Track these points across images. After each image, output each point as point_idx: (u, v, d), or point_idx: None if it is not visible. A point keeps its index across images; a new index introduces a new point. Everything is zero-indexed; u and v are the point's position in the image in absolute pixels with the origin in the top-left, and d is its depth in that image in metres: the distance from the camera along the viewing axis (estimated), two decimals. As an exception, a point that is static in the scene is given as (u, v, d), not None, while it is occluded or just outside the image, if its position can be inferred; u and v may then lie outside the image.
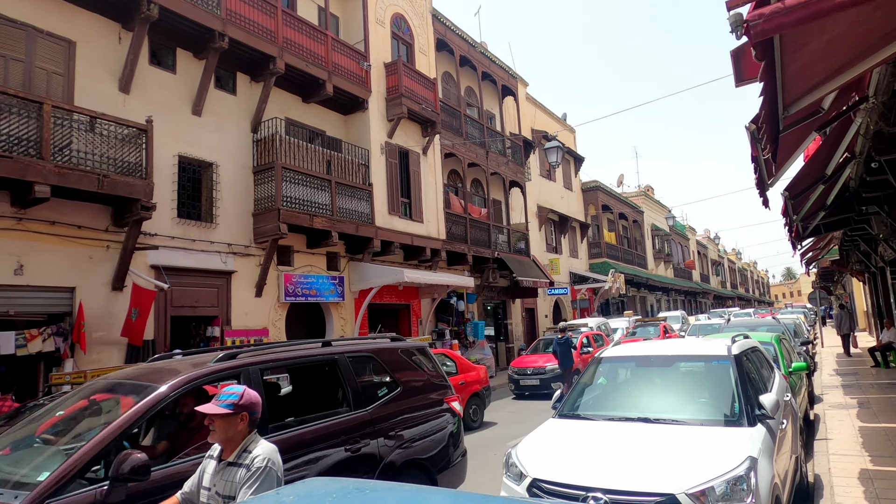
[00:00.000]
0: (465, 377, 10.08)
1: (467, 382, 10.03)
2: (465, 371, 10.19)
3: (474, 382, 10.16)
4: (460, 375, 9.97)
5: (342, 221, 13.43)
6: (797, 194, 7.14)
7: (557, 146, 14.37)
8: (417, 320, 16.98)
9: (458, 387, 9.61)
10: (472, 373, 10.27)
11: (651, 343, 5.31)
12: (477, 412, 10.17)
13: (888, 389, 11.09)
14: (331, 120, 14.93)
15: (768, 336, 8.34)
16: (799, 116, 5.24)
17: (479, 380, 10.33)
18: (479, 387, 10.25)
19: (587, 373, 5.07)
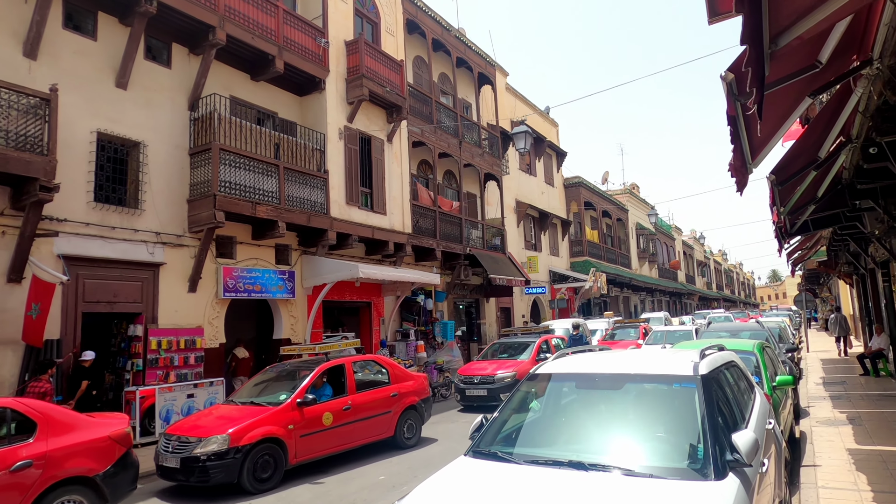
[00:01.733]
0: (399, 388, 8.73)
1: (401, 394, 8.66)
2: (398, 380, 8.85)
3: (410, 394, 8.80)
4: (392, 385, 8.68)
5: (292, 211, 12.25)
6: (785, 180, 6.09)
7: (526, 131, 13.27)
8: (380, 319, 15.85)
9: (388, 399, 8.49)
10: (408, 382, 8.88)
11: (600, 356, 4.22)
12: (412, 428, 8.83)
13: (880, 402, 10.13)
14: (284, 101, 13.73)
15: (750, 344, 7.31)
16: (790, 68, 4.17)
17: (417, 390, 9.00)
18: (417, 398, 8.88)
19: (517, 393, 3.97)
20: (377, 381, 8.74)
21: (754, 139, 5.00)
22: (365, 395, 8.24)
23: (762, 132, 5.02)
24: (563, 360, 4.15)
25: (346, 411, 7.86)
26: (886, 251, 11.42)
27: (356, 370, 8.58)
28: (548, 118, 29.39)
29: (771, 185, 5.92)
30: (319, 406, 7.57)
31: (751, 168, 5.36)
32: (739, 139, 4.43)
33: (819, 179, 7.99)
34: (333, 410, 7.69)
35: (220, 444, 6.62)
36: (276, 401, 7.45)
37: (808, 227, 11.17)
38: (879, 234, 11.08)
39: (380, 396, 8.39)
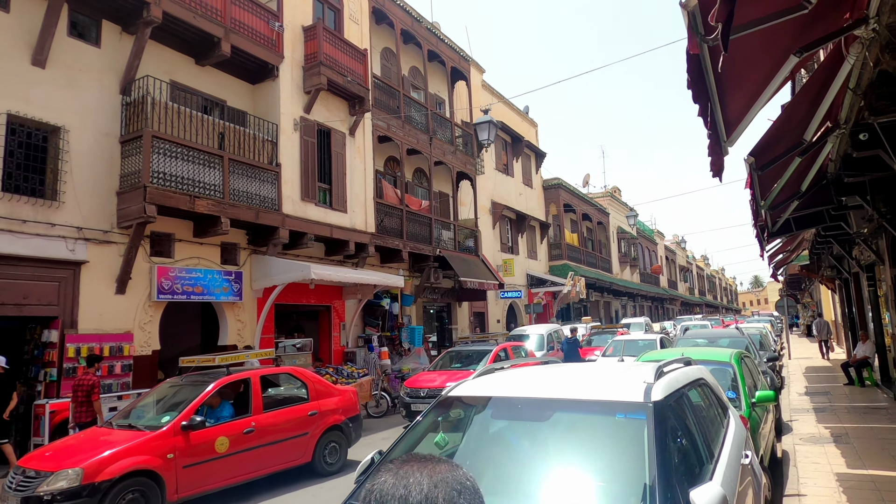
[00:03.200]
0: (319, 405, 7.51)
1: (321, 412, 7.46)
2: (320, 396, 7.62)
3: (333, 412, 7.62)
4: (312, 402, 7.46)
5: (237, 206, 11.26)
6: (765, 164, 5.27)
7: (490, 121, 12.40)
8: (340, 324, 14.86)
9: (304, 419, 7.31)
10: (332, 399, 7.68)
11: (529, 374, 3.30)
12: (336, 452, 7.64)
13: (867, 416, 9.36)
14: (234, 89, 12.75)
15: (726, 354, 6.47)
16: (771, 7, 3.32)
17: (343, 407, 7.80)
18: (342, 417, 7.71)
19: (420, 424, 3.06)
20: (293, 398, 7.57)
21: (729, 108, 4.16)
22: (274, 414, 7.05)
23: (739, 100, 4.19)
24: (482, 379, 3.24)
25: (247, 435, 6.68)
26: (873, 253, 10.71)
27: (267, 386, 7.48)
28: (526, 118, 28.66)
29: (749, 169, 5.09)
30: (211, 430, 6.39)
31: (726, 147, 4.52)
32: (710, 104, 3.57)
33: (803, 170, 7.20)
34: (231, 434, 6.52)
35: (71, 480, 5.36)
36: (156, 424, 6.27)
37: (790, 227, 10.42)
38: (866, 235, 10.37)
39: (294, 416, 7.20)
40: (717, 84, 3.82)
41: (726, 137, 4.41)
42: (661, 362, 3.20)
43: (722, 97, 4.01)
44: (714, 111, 3.93)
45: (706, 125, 3.84)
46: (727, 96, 4.08)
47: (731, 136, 4.44)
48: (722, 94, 3.98)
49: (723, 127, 4.27)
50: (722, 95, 3.99)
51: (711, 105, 3.55)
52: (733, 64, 3.92)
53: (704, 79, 3.31)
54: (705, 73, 3.24)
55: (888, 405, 10.20)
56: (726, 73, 3.89)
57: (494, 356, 10.88)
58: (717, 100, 3.69)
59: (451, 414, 3.14)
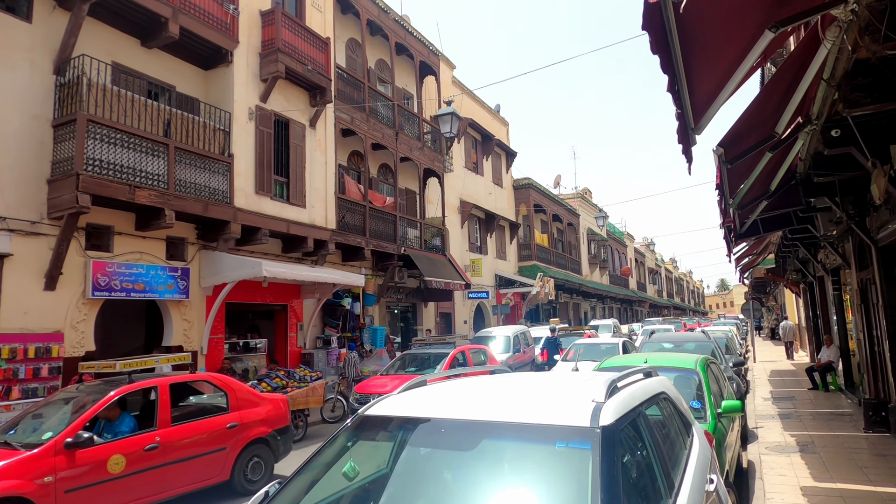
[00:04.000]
0: (241, 416, 6.71)
1: (243, 424, 6.68)
2: (242, 406, 6.81)
3: (257, 423, 6.84)
4: (232, 413, 6.66)
5: (183, 198, 10.56)
6: (735, 157, 4.89)
7: (452, 112, 11.92)
8: (297, 324, 14.22)
9: (222, 432, 6.54)
10: (256, 408, 6.87)
11: (462, 389, 2.81)
12: (259, 468, 6.88)
13: (832, 423, 9.16)
14: (185, 74, 12.01)
15: (692, 360, 6.10)
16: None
17: (269, 418, 7.02)
18: (268, 429, 6.94)
19: (328, 449, 2.55)
20: (209, 409, 6.79)
21: (698, 92, 3.74)
22: (185, 428, 6.24)
23: (709, 81, 3.78)
24: (407, 394, 2.75)
25: (150, 452, 5.87)
26: (839, 256, 10.56)
27: (180, 395, 6.73)
28: (498, 116, 28.32)
29: (718, 161, 4.71)
30: (103, 447, 5.57)
31: (693, 136, 4.11)
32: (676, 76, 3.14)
33: (773, 168, 6.90)
34: (128, 452, 5.70)
35: None
36: (35, 441, 5.42)
37: (758, 229, 10.21)
38: (833, 238, 10.19)
39: (209, 429, 6.41)
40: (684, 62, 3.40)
41: (693, 124, 4.00)
42: (615, 376, 2.74)
43: (690, 78, 3.60)
44: (681, 91, 3.51)
45: (675, 102, 3.41)
46: (696, 76, 3.66)
47: (699, 123, 4.03)
48: (690, 75, 3.56)
49: (690, 113, 3.86)
50: (690, 76, 3.58)
51: (678, 81, 3.12)
52: (702, 37, 3.51)
53: (670, 46, 2.87)
54: (669, 35, 2.80)
55: (852, 411, 10.04)
56: (694, 50, 3.48)
57: (451, 360, 10.35)
58: (685, 78, 3.26)
59: (370, 436, 2.63)
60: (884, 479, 5.92)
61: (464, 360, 10.73)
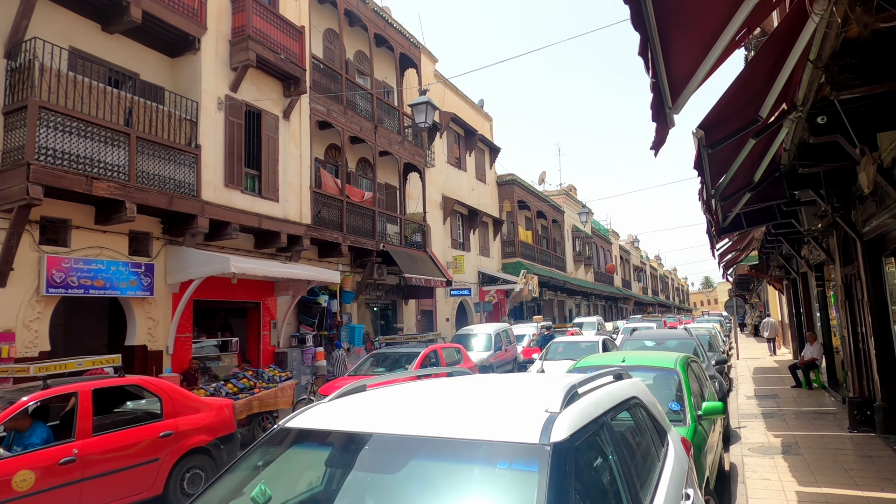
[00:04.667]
0: (176, 423, 6.05)
1: (179, 433, 6.03)
2: (179, 412, 6.13)
3: (196, 431, 6.20)
4: (167, 421, 6.00)
5: (146, 190, 10.08)
6: (716, 142, 4.56)
7: (426, 102, 11.51)
8: (270, 323, 13.76)
9: (153, 442, 5.85)
10: (196, 415, 6.24)
11: (402, 395, 2.41)
12: (198, 480, 6.28)
13: (816, 422, 8.92)
14: (151, 61, 11.50)
15: (671, 359, 5.77)
16: None
17: (211, 425, 6.39)
18: (209, 437, 6.34)
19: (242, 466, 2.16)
20: (141, 416, 6.16)
21: (675, 64, 3.40)
22: (109, 438, 5.57)
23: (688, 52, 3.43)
24: (338, 402, 2.37)
25: (65, 465, 5.20)
26: (823, 251, 10.33)
27: (106, 401, 6.08)
28: (481, 112, 27.97)
29: (698, 145, 4.37)
30: (8, 461, 4.93)
31: (671, 116, 3.76)
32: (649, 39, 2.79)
33: (756, 158, 6.61)
34: (39, 466, 5.02)
35: None
36: None
37: (741, 224, 9.95)
38: (816, 233, 9.96)
39: (139, 438, 5.76)
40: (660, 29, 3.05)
41: (671, 102, 3.66)
42: (578, 379, 2.38)
43: (667, 49, 3.25)
44: (655, 57, 3.16)
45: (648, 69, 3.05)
46: (673, 49, 3.32)
47: (676, 102, 3.69)
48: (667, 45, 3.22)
49: (666, 86, 3.51)
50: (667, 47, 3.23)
51: (651, 43, 2.77)
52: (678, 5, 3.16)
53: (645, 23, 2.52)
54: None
55: (836, 410, 9.83)
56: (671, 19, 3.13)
57: (422, 360, 9.94)
58: (659, 42, 2.91)
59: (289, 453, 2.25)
60: (870, 483, 5.65)
61: (436, 359, 10.32)
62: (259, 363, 13.16)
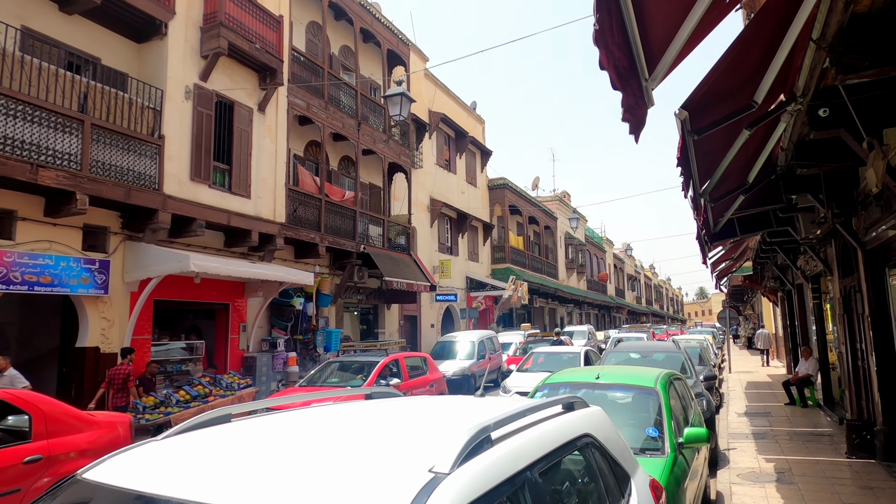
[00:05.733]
0: (49, 447, 4.89)
1: (51, 457, 4.86)
2: (54, 433, 4.99)
3: (77, 455, 5.05)
4: (35, 443, 4.83)
5: (101, 181, 9.41)
6: (704, 128, 3.93)
7: (401, 93, 10.84)
8: (240, 325, 13.07)
9: (18, 469, 4.61)
10: (77, 436, 5.14)
11: (235, 439, 1.74)
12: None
13: (811, 445, 8.29)
14: (113, 46, 10.85)
15: (652, 377, 5.13)
16: None
17: (98, 447, 5.15)
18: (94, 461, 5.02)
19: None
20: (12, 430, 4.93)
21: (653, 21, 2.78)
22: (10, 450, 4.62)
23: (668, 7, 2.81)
24: (156, 445, 1.73)
25: (32, 465, 4.53)
26: (820, 262, 9.73)
27: None
28: (473, 114, 27.39)
29: (682, 129, 3.74)
30: None
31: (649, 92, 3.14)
32: None
33: (751, 155, 6.01)
34: None
35: None
36: None
37: (734, 231, 9.35)
38: (814, 242, 9.36)
39: (8, 460, 4.58)
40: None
41: (647, 73, 3.04)
42: (498, 415, 1.73)
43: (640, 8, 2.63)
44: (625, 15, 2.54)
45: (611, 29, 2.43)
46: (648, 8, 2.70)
47: (655, 70, 3.07)
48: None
49: (642, 55, 2.89)
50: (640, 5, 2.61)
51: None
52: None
53: None
54: None
55: (832, 431, 9.20)
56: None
57: (379, 370, 9.23)
58: None
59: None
60: (872, 521, 5.02)
61: (398, 369, 9.57)
62: (226, 368, 12.48)
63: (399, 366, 9.62)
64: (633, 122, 3.08)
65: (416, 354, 11.21)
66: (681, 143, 3.82)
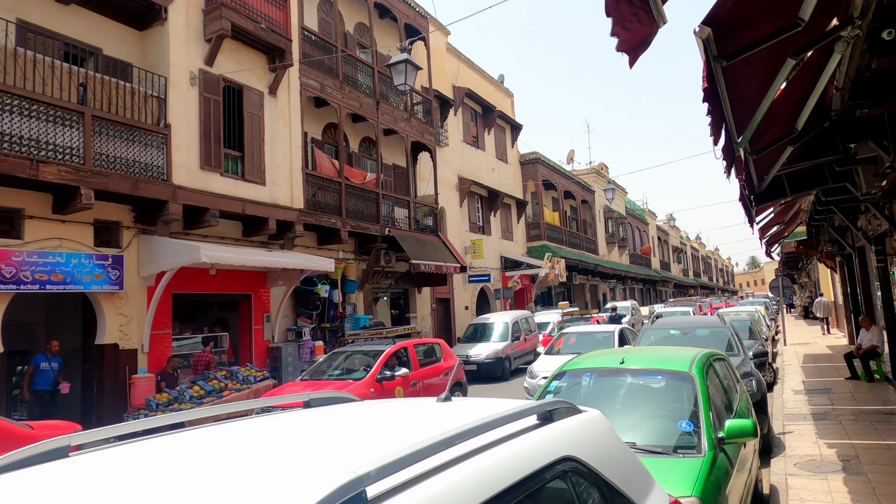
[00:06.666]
0: None
1: None
2: None
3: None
4: None
5: (105, 174, 9.15)
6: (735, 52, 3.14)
7: (406, 60, 10.11)
8: (263, 316, 12.80)
9: None
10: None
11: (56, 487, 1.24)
12: None
13: (880, 426, 7.35)
14: (114, 34, 10.55)
15: (686, 359, 4.38)
16: None
17: None
18: None
19: None
20: None
21: None
22: None
23: None
24: None
25: None
26: (886, 220, 8.66)
27: None
28: (501, 87, 26.43)
29: (705, 51, 2.97)
30: None
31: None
32: None
33: (797, 94, 5.12)
34: None
35: None
36: None
37: (783, 189, 8.36)
38: (877, 197, 8.28)
39: None
40: None
41: None
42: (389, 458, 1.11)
43: None
44: None
45: None
46: None
47: None
48: None
49: None
50: None
51: None
52: None
53: None
54: None
55: (905, 408, 8.20)
56: None
57: (385, 360, 8.50)
58: None
59: None
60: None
61: (407, 357, 8.94)
62: (251, 359, 12.25)
63: (408, 354, 9.03)
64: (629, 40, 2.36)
65: (429, 341, 10.73)
66: (706, 71, 3.06)
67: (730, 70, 3.36)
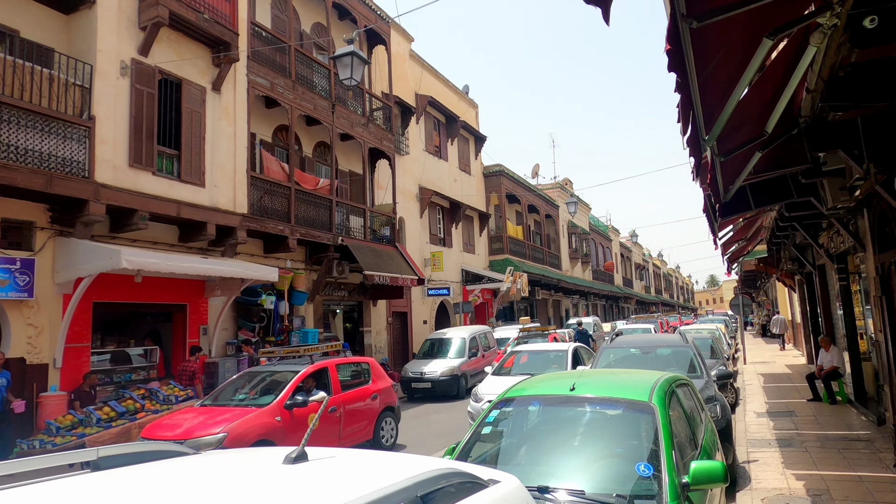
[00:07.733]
0: None
1: None
2: None
3: None
4: None
5: (15, 169, 8.18)
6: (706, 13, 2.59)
7: (352, 52, 9.43)
8: (199, 328, 11.83)
9: None
10: None
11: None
12: None
13: (847, 453, 6.92)
14: (36, 17, 9.61)
15: (646, 386, 3.78)
16: None
17: None
18: None
19: None
20: None
21: None
22: None
23: None
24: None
25: None
26: (850, 236, 8.33)
27: None
28: (465, 98, 26.01)
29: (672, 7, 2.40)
30: None
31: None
32: None
33: (768, 94, 4.65)
34: None
35: None
36: None
37: (747, 202, 7.98)
38: (843, 211, 7.97)
39: None
40: None
41: None
42: None
43: None
44: None
45: None
46: None
47: None
48: None
49: None
50: None
51: None
52: None
53: None
54: None
55: (871, 434, 7.83)
56: None
57: (296, 384, 7.40)
58: None
59: None
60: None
61: (327, 379, 7.96)
62: (185, 376, 11.24)
63: (329, 375, 8.17)
64: None
65: (356, 360, 9.78)
66: (670, 28, 2.48)
67: (700, 42, 2.80)
